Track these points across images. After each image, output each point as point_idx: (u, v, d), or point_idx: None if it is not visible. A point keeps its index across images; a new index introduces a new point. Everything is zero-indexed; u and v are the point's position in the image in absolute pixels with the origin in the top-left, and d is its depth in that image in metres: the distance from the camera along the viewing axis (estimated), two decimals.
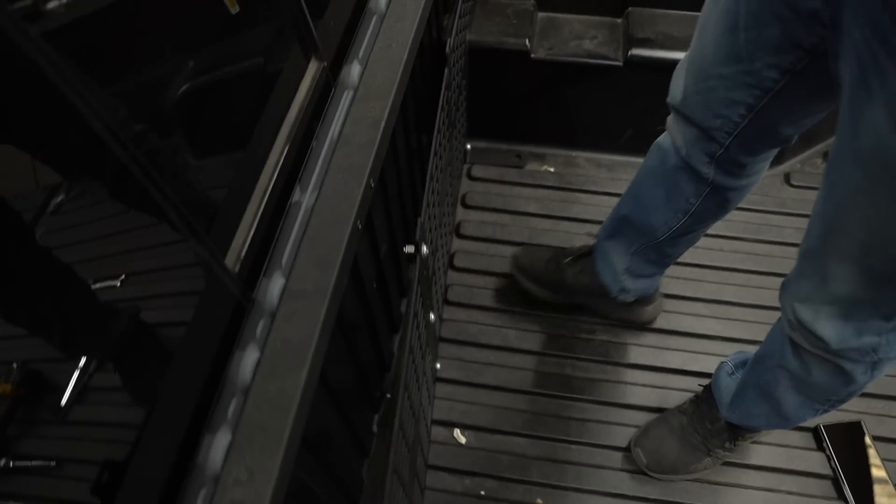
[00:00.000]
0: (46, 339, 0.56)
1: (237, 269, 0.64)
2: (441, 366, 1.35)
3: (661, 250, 1.22)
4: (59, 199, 0.54)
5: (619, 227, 1.25)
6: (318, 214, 0.70)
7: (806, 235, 0.84)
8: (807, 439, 1.31)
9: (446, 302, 1.46)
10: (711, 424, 1.22)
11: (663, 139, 1.09)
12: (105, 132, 0.46)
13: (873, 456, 1.27)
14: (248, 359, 0.61)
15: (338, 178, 0.73)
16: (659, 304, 1.45)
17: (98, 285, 0.58)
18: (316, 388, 0.63)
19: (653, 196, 1.14)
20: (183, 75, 0.79)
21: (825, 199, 0.77)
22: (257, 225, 0.69)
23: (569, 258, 1.41)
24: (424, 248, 0.81)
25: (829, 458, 1.27)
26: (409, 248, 0.82)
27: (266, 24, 0.93)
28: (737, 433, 1.21)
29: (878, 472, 1.25)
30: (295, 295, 0.64)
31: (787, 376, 0.98)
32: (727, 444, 1.22)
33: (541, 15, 1.65)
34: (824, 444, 1.28)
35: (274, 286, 0.65)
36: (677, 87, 0.97)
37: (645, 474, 1.26)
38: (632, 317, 1.45)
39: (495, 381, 1.35)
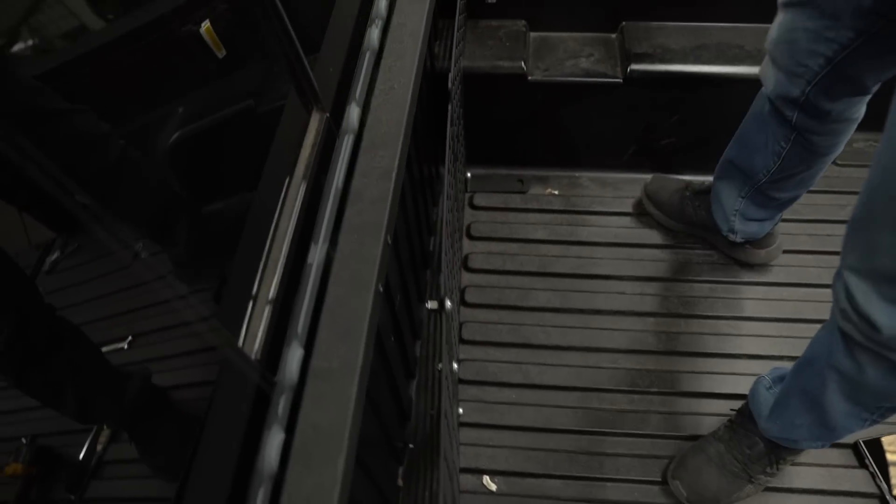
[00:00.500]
0: (56, 408, 0.52)
1: (257, 353, 0.58)
2: (463, 410, 1.30)
3: (765, 194, 1.29)
4: (55, 256, 0.51)
5: (727, 169, 1.34)
6: (337, 281, 0.65)
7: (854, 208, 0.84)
8: (847, 456, 1.26)
9: (461, 341, 1.41)
10: (750, 449, 1.17)
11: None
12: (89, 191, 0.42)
13: None
14: (275, 445, 0.56)
15: (352, 239, 0.68)
16: (774, 251, 1.49)
17: (105, 349, 0.54)
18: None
19: (754, 139, 1.22)
20: (173, 125, 0.75)
21: (873, 166, 0.79)
22: (274, 298, 0.63)
23: (691, 192, 1.52)
24: (448, 303, 0.76)
25: (873, 476, 1.22)
26: (433, 305, 0.77)
27: (260, 70, 0.89)
28: (778, 455, 1.16)
29: None
30: (321, 374, 0.59)
31: (837, 378, 0.94)
32: (768, 469, 1.17)
33: (533, 35, 1.61)
34: (867, 461, 1.23)
35: (294, 361, 0.60)
36: (772, 31, 1.07)
37: None
38: (744, 257, 1.50)
39: (520, 421, 1.30)
